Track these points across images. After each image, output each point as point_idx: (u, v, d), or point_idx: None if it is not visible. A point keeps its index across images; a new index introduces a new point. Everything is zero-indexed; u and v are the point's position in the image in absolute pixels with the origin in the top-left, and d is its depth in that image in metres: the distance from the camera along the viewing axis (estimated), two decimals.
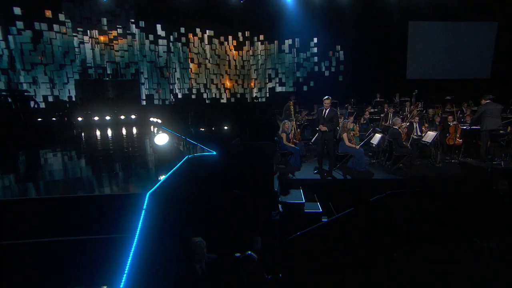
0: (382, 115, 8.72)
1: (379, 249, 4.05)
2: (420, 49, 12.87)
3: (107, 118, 11.30)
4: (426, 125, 6.82)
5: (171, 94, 12.40)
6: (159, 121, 9.63)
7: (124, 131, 9.86)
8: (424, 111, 8.19)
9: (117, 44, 11.10)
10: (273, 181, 5.13)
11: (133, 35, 11.38)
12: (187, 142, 5.67)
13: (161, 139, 4.17)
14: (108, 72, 11.23)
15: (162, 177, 3.41)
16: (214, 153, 4.69)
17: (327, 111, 5.56)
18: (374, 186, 5.56)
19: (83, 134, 9.17)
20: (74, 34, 10.49)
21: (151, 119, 10.30)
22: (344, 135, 6.19)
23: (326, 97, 5.57)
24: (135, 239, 2.08)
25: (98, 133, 9.40)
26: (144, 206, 2.38)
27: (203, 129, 9.47)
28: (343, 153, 6.21)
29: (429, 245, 4.10)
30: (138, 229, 2.16)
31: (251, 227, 4.29)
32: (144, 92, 11.93)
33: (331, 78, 12.89)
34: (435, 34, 12.79)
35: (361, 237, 4.16)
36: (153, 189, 2.69)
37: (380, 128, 7.45)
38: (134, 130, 10.20)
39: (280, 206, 4.99)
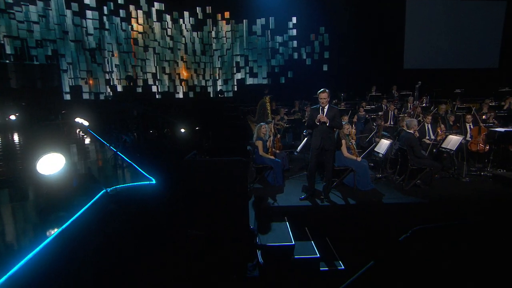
0: (380, 113, 8.13)
1: None
2: (419, 32, 12.73)
3: None
4: (443, 126, 6.07)
5: (107, 86, 10.97)
6: (86, 123, 8.12)
7: None
8: (432, 107, 7.56)
9: (20, 12, 8.98)
10: (248, 214, 4.07)
11: (45, 1, 9.41)
12: (114, 158, 4.31)
13: (50, 164, 2.63)
14: (8, 51, 9.11)
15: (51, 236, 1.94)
16: (154, 181, 3.31)
17: (325, 109, 4.56)
18: (387, 213, 4.78)
19: None
20: None
21: (77, 119, 8.78)
22: (342, 143, 5.38)
23: (322, 90, 4.58)
24: None
25: None
26: None
27: (151, 131, 8.86)
28: (342, 166, 5.38)
29: None
30: None
31: None
32: (67, 82, 10.16)
33: (314, 68, 12.45)
34: (436, 14, 12.71)
35: None
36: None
37: (386, 130, 6.70)
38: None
39: (259, 253, 3.99)
